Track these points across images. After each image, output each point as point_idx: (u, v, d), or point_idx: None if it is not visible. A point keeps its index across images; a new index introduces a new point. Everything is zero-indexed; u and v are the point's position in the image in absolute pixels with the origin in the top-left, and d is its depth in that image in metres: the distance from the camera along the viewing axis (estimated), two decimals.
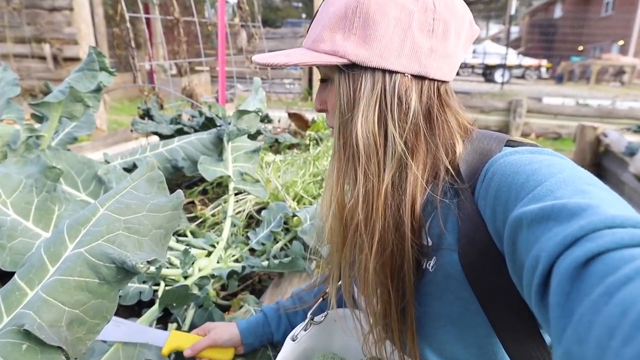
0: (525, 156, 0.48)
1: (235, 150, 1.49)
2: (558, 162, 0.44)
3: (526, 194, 0.41)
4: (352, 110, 0.55)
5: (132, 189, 0.62)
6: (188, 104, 3.23)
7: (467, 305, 0.53)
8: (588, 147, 4.20)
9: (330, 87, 0.59)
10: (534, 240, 0.36)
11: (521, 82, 14.90)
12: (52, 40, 4.84)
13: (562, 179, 0.40)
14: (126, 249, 0.54)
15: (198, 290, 1.05)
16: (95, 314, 0.52)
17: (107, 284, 0.53)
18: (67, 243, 0.55)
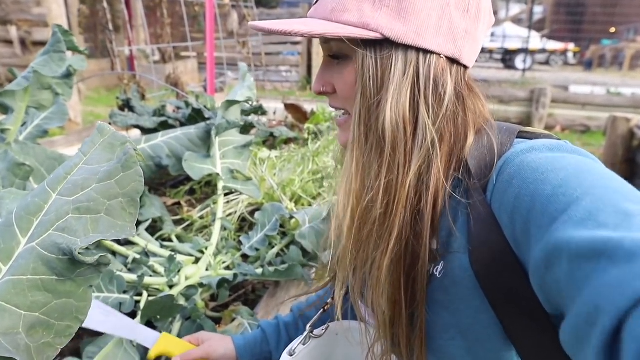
0: (545, 157, 0.48)
1: (223, 145, 1.49)
2: (585, 169, 0.44)
3: (558, 212, 0.41)
4: (379, 94, 0.54)
5: (84, 164, 0.58)
6: (173, 94, 3.24)
7: (478, 315, 0.53)
8: (620, 141, 4.19)
9: (345, 65, 0.57)
10: (582, 279, 0.35)
11: (545, 69, 14.90)
12: (19, 22, 4.84)
13: (599, 196, 0.39)
14: (76, 234, 0.52)
15: (185, 301, 1.06)
16: (63, 316, 0.50)
17: (70, 281, 0.51)
18: (20, 237, 0.53)
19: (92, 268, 0.52)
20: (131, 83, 3.06)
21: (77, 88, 5.07)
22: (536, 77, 10.96)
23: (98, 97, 7.49)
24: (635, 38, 16.48)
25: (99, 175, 0.55)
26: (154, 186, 1.87)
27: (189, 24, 3.95)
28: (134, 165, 0.54)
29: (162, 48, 3.91)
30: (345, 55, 0.57)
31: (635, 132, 4.12)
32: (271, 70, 8.22)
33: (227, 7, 4.70)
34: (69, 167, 0.58)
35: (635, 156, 4.18)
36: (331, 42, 0.58)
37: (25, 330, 0.49)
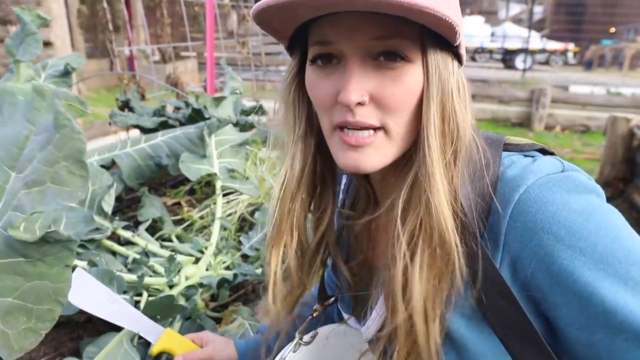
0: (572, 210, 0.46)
1: (219, 144, 1.49)
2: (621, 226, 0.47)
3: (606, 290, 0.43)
4: (450, 99, 0.50)
5: (34, 135, 0.53)
6: (173, 94, 3.23)
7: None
8: (620, 142, 4.19)
9: (405, 69, 0.49)
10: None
11: (545, 69, 14.90)
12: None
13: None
14: (25, 210, 0.49)
15: (185, 301, 1.06)
16: (40, 299, 0.48)
17: (40, 262, 0.49)
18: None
19: (59, 246, 0.48)
20: (131, 83, 3.05)
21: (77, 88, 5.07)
22: (536, 77, 10.96)
23: (98, 97, 7.49)
24: (635, 38, 16.49)
25: (38, 144, 0.51)
26: (154, 186, 1.88)
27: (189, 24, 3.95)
28: (66, 122, 0.50)
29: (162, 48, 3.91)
30: (406, 57, 0.49)
31: (635, 132, 4.12)
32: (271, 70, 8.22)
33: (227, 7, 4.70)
34: (20, 140, 0.53)
35: (635, 156, 4.18)
36: (392, 40, 0.49)
37: (0, 317, 0.47)
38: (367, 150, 0.52)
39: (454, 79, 0.51)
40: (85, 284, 0.81)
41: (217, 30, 4.07)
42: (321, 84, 0.52)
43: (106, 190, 1.25)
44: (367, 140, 0.51)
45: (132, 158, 1.45)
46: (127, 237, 1.26)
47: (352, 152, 0.52)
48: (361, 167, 0.52)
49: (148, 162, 1.47)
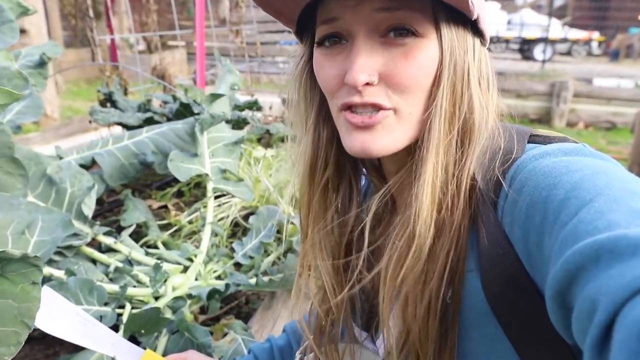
0: (560, 160, 0.46)
1: (212, 142, 1.49)
2: (602, 170, 0.43)
3: (569, 216, 0.40)
4: (463, 80, 0.51)
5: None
6: (159, 87, 3.24)
7: (494, 344, 0.52)
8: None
9: (418, 45, 0.50)
10: (589, 279, 0.35)
11: (567, 60, 14.92)
12: None
13: (613, 197, 0.38)
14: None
15: (172, 313, 1.06)
16: (3, 321, 0.47)
17: (2, 278, 0.47)
18: None
19: (21, 262, 0.47)
20: (113, 75, 3.06)
21: (53, 80, 5.08)
22: (557, 69, 10.97)
23: (77, 90, 7.50)
24: None
25: None
26: (138, 188, 1.88)
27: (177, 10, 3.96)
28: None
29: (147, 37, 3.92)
30: (415, 32, 0.49)
31: None
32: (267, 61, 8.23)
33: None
34: None
35: None
36: (399, 11, 0.49)
37: None
38: (375, 131, 0.52)
39: (473, 57, 0.52)
40: (52, 304, 0.80)
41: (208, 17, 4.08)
42: (327, 65, 0.53)
43: (86, 192, 1.25)
44: (374, 119, 0.51)
45: (115, 156, 1.45)
46: (109, 243, 1.26)
47: (358, 133, 0.52)
48: (368, 149, 0.52)
49: (132, 160, 1.47)
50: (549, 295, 0.39)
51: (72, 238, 1.19)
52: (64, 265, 1.09)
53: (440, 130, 0.50)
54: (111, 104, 2.07)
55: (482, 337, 0.53)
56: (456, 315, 0.53)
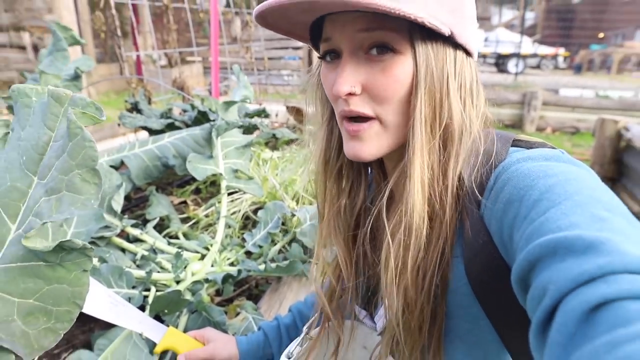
0: (540, 165, 0.46)
1: (225, 145, 1.49)
2: (575, 177, 0.42)
3: (538, 215, 0.40)
4: (441, 91, 0.50)
5: (53, 142, 0.51)
6: (179, 97, 3.23)
7: (477, 322, 0.53)
8: (608, 143, 4.19)
9: (393, 61, 0.50)
10: (544, 269, 0.35)
11: (536, 73, 14.88)
12: (31, 28, 4.84)
13: (579, 202, 0.38)
14: (43, 217, 0.49)
15: (191, 295, 1.06)
16: (59, 301, 0.49)
17: (59, 266, 0.49)
18: (9, 224, 0.50)
19: (77, 252, 0.49)
20: (139, 87, 3.05)
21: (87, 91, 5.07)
22: (528, 80, 10.94)
23: (108, 100, 7.49)
24: (622, 43, 16.45)
25: (56, 151, 0.50)
26: (161, 185, 1.88)
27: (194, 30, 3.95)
28: (78, 131, 0.48)
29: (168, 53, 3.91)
30: (394, 48, 0.50)
31: (623, 133, 4.12)
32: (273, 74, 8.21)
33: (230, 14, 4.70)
34: (40, 145, 0.52)
35: (623, 157, 4.18)
36: (376, 32, 0.49)
37: (21, 317, 0.48)
38: (364, 139, 0.53)
39: (454, 68, 0.51)
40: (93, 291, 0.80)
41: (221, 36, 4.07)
42: (327, 78, 0.55)
43: (115, 190, 1.25)
44: (362, 128, 0.53)
45: (141, 159, 1.45)
46: (136, 234, 1.27)
47: (352, 141, 0.54)
48: (359, 154, 0.54)
49: (155, 162, 1.47)
50: (513, 280, 0.39)
51: (104, 230, 1.19)
52: (97, 254, 1.09)
53: (423, 134, 0.50)
54: (137, 112, 2.06)
55: (466, 315, 0.54)
56: (444, 295, 0.54)
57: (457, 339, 0.56)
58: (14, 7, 4.88)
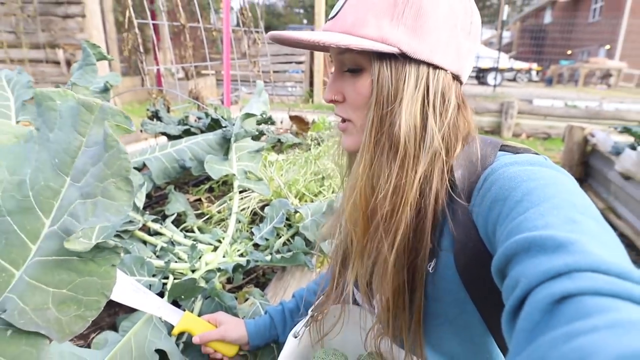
0: (525, 169, 0.46)
1: (239, 150, 1.50)
2: (555, 182, 0.42)
3: (519, 214, 0.40)
4: (393, 103, 0.51)
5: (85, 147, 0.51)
6: (194, 106, 3.23)
7: (464, 306, 0.53)
8: (576, 147, 4.19)
9: (359, 77, 0.54)
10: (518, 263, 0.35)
11: (513, 85, 14.86)
12: (65, 45, 4.84)
13: (556, 204, 0.38)
14: (79, 219, 0.49)
15: (205, 283, 1.06)
16: (89, 292, 0.49)
17: (91, 261, 0.49)
18: (43, 219, 0.50)
19: (108, 250, 0.50)
20: (159, 97, 3.05)
21: (113, 101, 5.06)
22: (505, 91, 10.92)
23: (131, 109, 7.48)
24: (588, 59, 16.44)
25: (92, 158, 0.50)
26: (178, 185, 1.87)
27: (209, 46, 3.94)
28: (114, 143, 0.49)
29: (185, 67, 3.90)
30: (360, 68, 0.54)
31: (589, 139, 4.11)
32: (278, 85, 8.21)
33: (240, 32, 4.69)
34: (72, 150, 0.51)
35: (589, 159, 4.17)
36: (346, 54, 0.54)
37: (55, 305, 0.48)
38: (346, 135, 0.59)
39: (415, 83, 0.51)
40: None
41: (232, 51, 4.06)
42: None
43: (138, 189, 1.25)
44: (343, 126, 0.59)
45: (160, 161, 1.44)
46: (156, 228, 1.26)
47: (343, 135, 0.61)
48: (343, 146, 0.61)
49: (174, 164, 1.46)
50: (493, 270, 0.39)
51: (128, 224, 1.19)
52: (122, 246, 1.08)
53: (368, 139, 0.54)
54: (157, 119, 2.06)
55: (454, 301, 0.53)
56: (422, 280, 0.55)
57: (447, 323, 0.56)
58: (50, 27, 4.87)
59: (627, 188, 3.28)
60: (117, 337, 0.82)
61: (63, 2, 4.75)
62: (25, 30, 4.91)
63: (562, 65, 16.14)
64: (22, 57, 4.99)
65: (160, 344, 0.82)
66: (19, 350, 0.45)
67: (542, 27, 21.32)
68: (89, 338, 0.95)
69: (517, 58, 17.88)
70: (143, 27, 4.30)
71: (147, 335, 0.83)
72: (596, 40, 17.90)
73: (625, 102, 8.51)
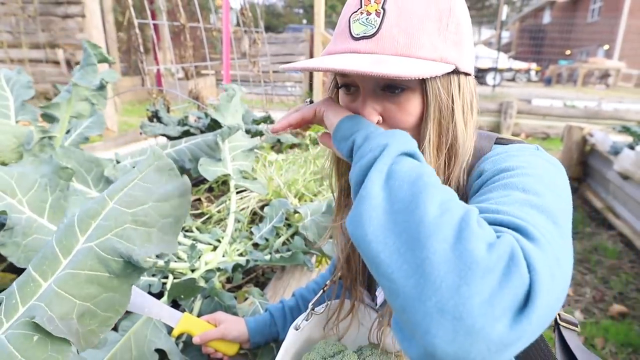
0: (512, 154, 0.50)
1: (233, 149, 1.49)
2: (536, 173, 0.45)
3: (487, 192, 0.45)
4: (449, 117, 0.52)
5: (139, 181, 0.59)
6: (194, 106, 3.23)
7: None
8: (575, 147, 4.19)
9: (407, 96, 0.51)
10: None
11: (512, 85, 14.87)
12: (65, 45, 4.83)
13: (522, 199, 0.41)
14: (134, 242, 0.53)
15: (204, 282, 1.06)
16: (107, 308, 0.51)
17: (118, 278, 0.52)
18: (79, 236, 0.54)
19: (139, 270, 0.52)
20: (159, 97, 3.04)
21: (113, 101, 5.06)
22: (504, 91, 10.92)
23: (131, 108, 7.48)
24: (587, 59, 16.46)
25: (155, 195, 0.57)
26: None
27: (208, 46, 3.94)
28: (187, 194, 0.57)
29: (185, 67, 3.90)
30: (406, 87, 0.51)
31: (588, 139, 4.11)
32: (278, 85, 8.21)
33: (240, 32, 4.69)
34: (127, 181, 0.58)
35: (588, 159, 4.18)
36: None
37: (77, 316, 0.50)
38: None
39: (459, 93, 0.52)
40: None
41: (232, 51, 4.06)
42: (350, 107, 0.55)
43: None
44: None
45: None
46: None
47: None
48: None
49: None
50: None
51: None
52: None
53: (431, 156, 0.52)
54: (157, 119, 2.06)
55: None
56: None
57: None
58: (50, 27, 4.87)
59: (625, 188, 3.28)
60: (116, 336, 0.82)
61: (63, 2, 4.74)
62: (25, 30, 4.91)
63: (561, 65, 16.15)
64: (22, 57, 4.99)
65: (159, 343, 0.82)
66: (44, 355, 0.46)
67: (541, 27, 21.33)
68: None
69: (516, 58, 17.89)
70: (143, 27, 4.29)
71: (147, 335, 0.83)
72: (595, 41, 17.91)
73: (624, 102, 8.51)
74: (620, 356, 1.98)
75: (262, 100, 4.46)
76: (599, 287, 2.59)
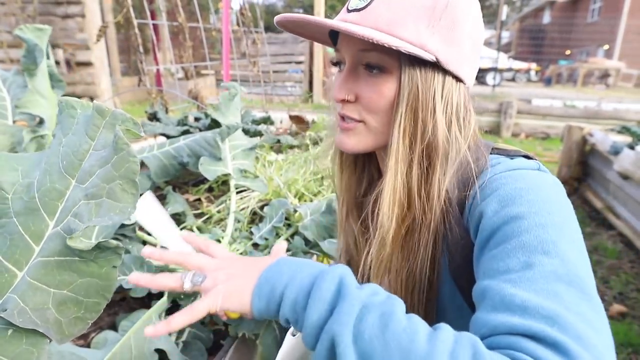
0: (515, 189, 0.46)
1: (233, 148, 1.49)
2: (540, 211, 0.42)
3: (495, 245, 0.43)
4: (428, 110, 0.50)
5: (93, 150, 0.52)
6: (194, 106, 3.23)
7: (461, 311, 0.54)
8: (575, 147, 4.19)
9: (384, 78, 0.51)
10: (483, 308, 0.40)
11: (511, 85, 14.88)
12: (65, 45, 4.84)
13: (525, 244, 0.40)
14: (83, 219, 0.49)
15: None
16: (89, 293, 0.49)
17: (92, 262, 0.49)
18: (47, 221, 0.50)
19: (110, 250, 0.49)
20: (158, 97, 3.05)
21: (113, 101, 5.06)
22: (504, 91, 10.93)
23: (131, 108, 7.47)
24: (587, 59, 16.46)
25: (99, 160, 0.50)
26: (178, 185, 1.87)
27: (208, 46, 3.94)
28: (124, 146, 0.49)
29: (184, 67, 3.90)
30: (384, 68, 0.51)
31: (588, 138, 4.11)
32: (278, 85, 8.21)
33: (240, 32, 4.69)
34: (81, 152, 0.52)
35: (588, 159, 4.18)
36: (372, 52, 0.51)
37: (55, 306, 0.48)
38: (349, 135, 0.56)
39: (441, 92, 0.51)
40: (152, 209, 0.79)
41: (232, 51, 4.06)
42: (335, 82, 0.57)
43: None
44: (349, 126, 0.55)
45: (158, 158, 1.45)
46: None
47: (341, 134, 0.57)
48: (342, 146, 0.57)
49: (172, 161, 1.46)
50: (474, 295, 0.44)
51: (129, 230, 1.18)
52: (123, 246, 1.08)
53: (399, 146, 0.51)
54: (156, 120, 2.06)
55: (451, 305, 0.56)
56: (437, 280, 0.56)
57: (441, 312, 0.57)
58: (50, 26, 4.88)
59: (625, 188, 3.28)
60: (116, 336, 0.82)
61: (63, 2, 4.74)
62: None
63: (561, 65, 16.16)
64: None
65: (159, 343, 0.82)
66: (19, 349, 0.45)
67: (541, 27, 21.33)
68: (88, 338, 0.95)
69: (516, 58, 17.91)
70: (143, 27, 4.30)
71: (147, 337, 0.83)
72: (595, 41, 17.91)
73: (624, 102, 8.52)
74: (620, 356, 1.98)
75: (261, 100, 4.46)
76: (599, 287, 2.59)
